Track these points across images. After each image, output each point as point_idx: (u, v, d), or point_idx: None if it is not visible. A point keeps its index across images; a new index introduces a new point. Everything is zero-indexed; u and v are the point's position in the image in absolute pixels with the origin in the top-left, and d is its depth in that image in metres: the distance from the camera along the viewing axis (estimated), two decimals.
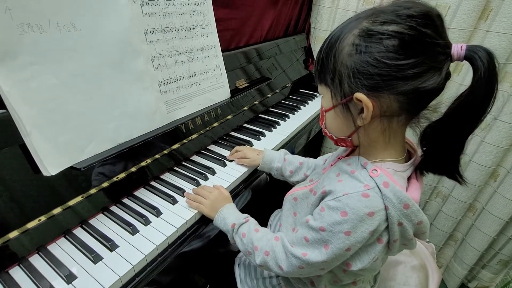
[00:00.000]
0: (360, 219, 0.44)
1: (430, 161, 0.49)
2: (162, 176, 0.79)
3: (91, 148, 0.63)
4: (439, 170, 0.50)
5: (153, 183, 0.76)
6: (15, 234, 0.53)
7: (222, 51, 0.95)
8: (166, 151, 0.78)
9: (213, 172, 0.81)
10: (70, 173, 0.60)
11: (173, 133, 0.80)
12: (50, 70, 0.56)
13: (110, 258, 0.56)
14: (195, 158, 0.87)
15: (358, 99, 0.43)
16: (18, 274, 0.52)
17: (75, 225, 0.62)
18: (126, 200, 0.70)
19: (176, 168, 0.82)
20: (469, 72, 1.11)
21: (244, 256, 0.75)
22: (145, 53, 0.72)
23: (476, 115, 0.42)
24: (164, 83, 0.78)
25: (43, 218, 0.56)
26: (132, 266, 0.54)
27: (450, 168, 0.48)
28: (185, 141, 0.84)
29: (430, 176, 0.82)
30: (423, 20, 0.40)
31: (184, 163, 0.84)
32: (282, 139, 1.00)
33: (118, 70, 0.67)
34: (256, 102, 1.12)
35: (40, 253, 0.56)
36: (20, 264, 0.54)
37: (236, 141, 0.97)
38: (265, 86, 1.17)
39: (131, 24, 0.68)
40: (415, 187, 0.50)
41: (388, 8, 0.42)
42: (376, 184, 0.45)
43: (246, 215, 0.65)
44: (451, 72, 0.44)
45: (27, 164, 0.55)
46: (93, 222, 0.64)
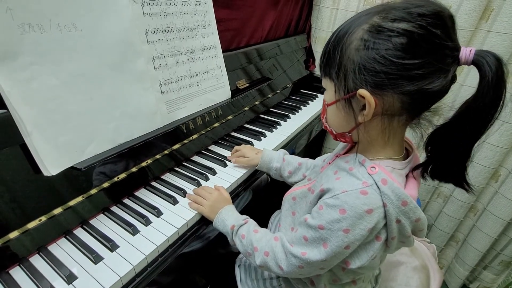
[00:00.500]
0: (358, 216, 0.44)
1: (436, 168, 0.49)
2: (163, 176, 0.79)
3: (92, 148, 0.63)
4: (445, 178, 0.49)
5: (153, 183, 0.76)
6: (15, 234, 0.52)
7: (223, 51, 0.95)
8: (166, 151, 0.78)
9: (213, 173, 0.81)
10: (71, 173, 0.60)
11: (173, 133, 0.80)
12: (50, 70, 0.56)
13: (110, 259, 0.55)
14: (196, 158, 0.87)
15: (361, 96, 0.43)
16: (18, 274, 0.52)
17: (76, 225, 0.62)
18: (127, 200, 0.70)
19: (176, 168, 0.82)
20: (470, 72, 1.12)
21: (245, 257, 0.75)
22: (145, 53, 0.72)
23: (482, 121, 0.42)
24: (164, 83, 0.78)
25: (43, 218, 0.56)
26: (132, 267, 0.54)
27: (456, 175, 0.48)
28: (185, 141, 0.83)
29: None
30: (434, 20, 0.39)
31: (184, 163, 0.84)
32: (282, 139, 1.00)
33: (119, 70, 0.67)
34: (256, 103, 1.12)
35: (40, 253, 0.56)
36: (20, 264, 0.54)
37: (237, 141, 0.97)
38: (265, 87, 1.17)
39: (131, 24, 0.69)
40: (413, 184, 0.50)
41: (400, 5, 0.41)
42: (374, 181, 0.45)
43: (245, 216, 0.65)
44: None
45: (27, 164, 0.55)
46: (93, 222, 0.63)
